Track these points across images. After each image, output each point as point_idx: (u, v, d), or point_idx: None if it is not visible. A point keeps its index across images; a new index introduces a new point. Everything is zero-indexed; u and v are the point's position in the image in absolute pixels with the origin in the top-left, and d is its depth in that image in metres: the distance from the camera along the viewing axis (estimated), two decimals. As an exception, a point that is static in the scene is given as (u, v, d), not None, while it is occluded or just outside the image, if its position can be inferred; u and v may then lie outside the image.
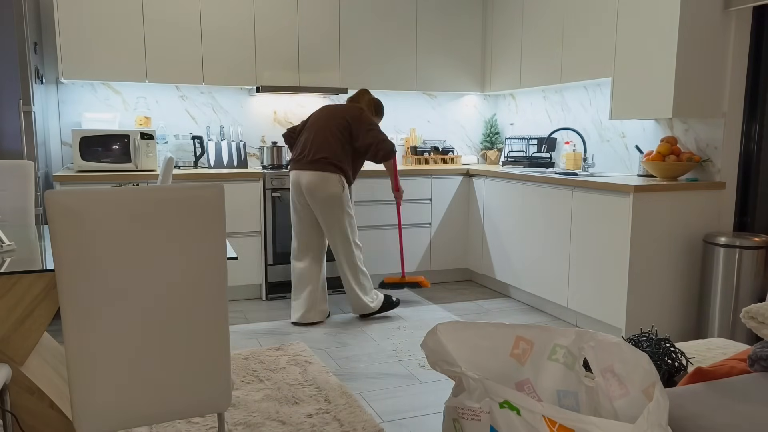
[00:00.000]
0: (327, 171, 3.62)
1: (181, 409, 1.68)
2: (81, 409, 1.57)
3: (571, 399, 1.58)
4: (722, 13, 3.37)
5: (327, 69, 4.63)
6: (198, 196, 1.57)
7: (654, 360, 2.04)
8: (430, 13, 4.87)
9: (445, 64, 4.98)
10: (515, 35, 4.69)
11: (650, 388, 1.43)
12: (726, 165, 3.47)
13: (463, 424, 1.44)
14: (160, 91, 4.53)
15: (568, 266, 3.75)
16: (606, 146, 4.27)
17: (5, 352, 1.96)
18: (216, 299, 1.65)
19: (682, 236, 3.43)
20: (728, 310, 3.22)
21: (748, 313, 1.80)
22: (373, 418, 2.56)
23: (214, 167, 4.50)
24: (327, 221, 3.69)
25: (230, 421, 2.50)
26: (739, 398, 1.55)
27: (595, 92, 4.34)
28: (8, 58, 3.48)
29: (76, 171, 3.94)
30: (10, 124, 3.52)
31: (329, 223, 3.70)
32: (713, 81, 3.41)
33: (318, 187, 3.61)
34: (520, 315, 4.06)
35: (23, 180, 2.91)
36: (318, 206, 3.65)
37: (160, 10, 4.16)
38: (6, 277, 1.88)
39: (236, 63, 4.38)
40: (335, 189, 3.62)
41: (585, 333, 1.57)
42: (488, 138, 5.41)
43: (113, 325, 1.56)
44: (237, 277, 4.27)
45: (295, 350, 3.32)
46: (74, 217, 1.47)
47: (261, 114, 4.81)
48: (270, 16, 4.44)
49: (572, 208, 3.70)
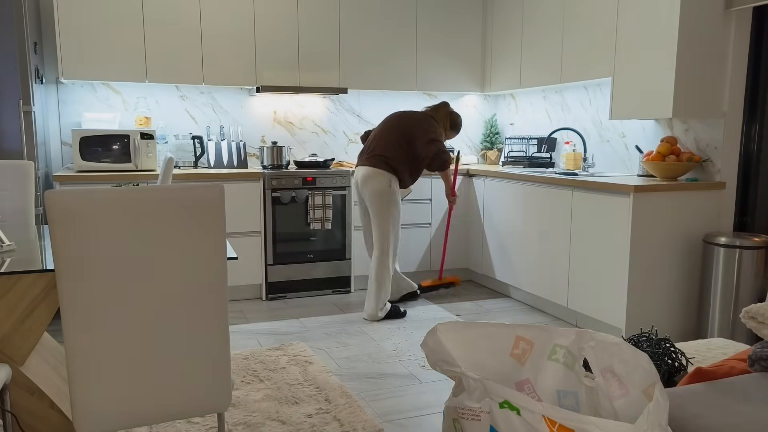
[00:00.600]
0: (379, 168, 3.82)
1: (181, 409, 1.68)
2: (81, 409, 1.57)
3: (571, 399, 1.58)
4: (722, 13, 3.37)
5: (327, 69, 4.63)
6: (198, 196, 1.57)
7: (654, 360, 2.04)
8: (429, 13, 4.88)
9: (444, 64, 4.98)
10: (515, 35, 4.69)
11: (650, 388, 1.43)
12: (726, 165, 3.47)
13: (463, 424, 1.44)
14: (160, 91, 4.53)
15: (568, 266, 3.75)
16: (606, 146, 4.27)
17: (5, 352, 1.96)
18: (216, 299, 1.65)
19: (682, 236, 3.43)
20: (728, 310, 3.22)
21: (748, 313, 1.80)
22: (373, 418, 2.56)
23: (214, 167, 4.50)
24: (372, 215, 3.88)
25: (230, 421, 2.50)
26: (739, 398, 1.55)
27: (595, 92, 4.34)
28: (8, 58, 3.47)
29: (76, 171, 3.94)
30: (10, 124, 3.52)
31: (373, 218, 3.88)
32: (713, 81, 3.41)
33: (367, 180, 3.83)
34: (520, 315, 4.06)
35: (23, 180, 2.91)
36: (366, 199, 3.88)
37: (160, 10, 4.16)
38: (6, 277, 1.88)
39: (236, 63, 4.38)
40: (382, 185, 3.79)
41: (585, 333, 1.57)
42: (488, 138, 5.41)
43: (113, 325, 1.56)
44: (237, 277, 4.27)
45: (295, 350, 3.32)
46: (74, 217, 1.47)
47: (261, 114, 4.81)
48: (270, 16, 4.44)
49: (572, 208, 3.70)
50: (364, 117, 5.10)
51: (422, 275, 4.81)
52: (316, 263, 4.45)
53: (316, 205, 4.34)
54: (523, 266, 4.20)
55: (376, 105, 5.12)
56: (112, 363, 1.58)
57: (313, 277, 4.47)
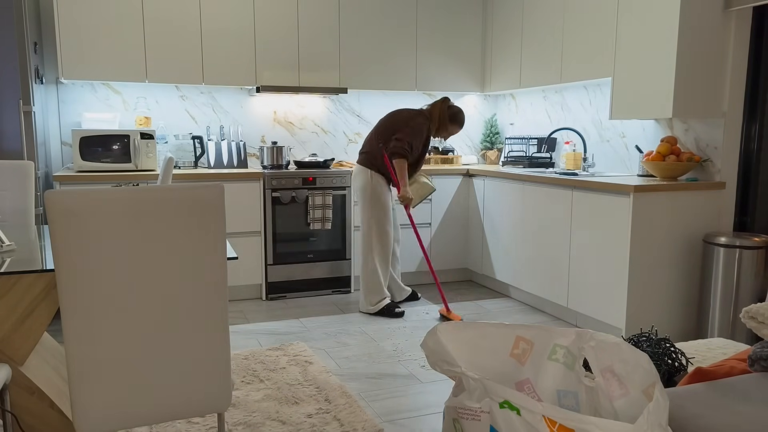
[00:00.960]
0: (361, 164, 3.94)
1: (181, 409, 1.68)
2: (81, 409, 1.57)
3: (571, 399, 1.58)
4: (722, 13, 3.37)
5: (327, 69, 4.63)
6: (198, 196, 1.57)
7: (654, 360, 2.04)
8: (430, 12, 4.87)
9: (445, 64, 4.98)
10: (515, 35, 4.69)
11: (650, 388, 1.43)
12: (726, 165, 3.47)
13: (463, 424, 1.44)
14: (160, 91, 4.53)
15: (568, 266, 3.75)
16: (606, 146, 4.27)
17: (5, 352, 1.96)
18: (216, 299, 1.65)
19: (682, 236, 3.43)
20: (728, 310, 3.22)
21: (748, 313, 1.80)
22: (373, 418, 2.56)
23: (214, 167, 4.50)
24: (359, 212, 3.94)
25: (230, 421, 2.50)
26: (739, 398, 1.55)
27: (595, 92, 4.34)
28: (8, 58, 3.47)
29: (76, 171, 3.94)
30: (10, 124, 3.52)
31: (361, 213, 3.93)
32: (713, 81, 3.40)
33: (353, 178, 4.01)
34: (520, 315, 4.06)
35: (23, 180, 2.91)
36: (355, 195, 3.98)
37: (160, 10, 4.16)
38: (6, 277, 1.88)
39: (236, 63, 4.38)
40: (363, 181, 3.87)
41: (585, 333, 1.57)
42: (488, 138, 5.41)
43: (113, 325, 1.56)
44: (237, 277, 4.27)
45: (295, 350, 3.32)
46: (74, 217, 1.47)
47: (261, 114, 4.81)
48: (270, 16, 4.44)
49: (572, 208, 3.70)
50: (364, 117, 5.10)
51: (422, 275, 4.81)
52: (316, 263, 4.45)
53: (316, 205, 4.34)
54: (523, 266, 4.20)
55: (376, 105, 5.12)
56: (112, 363, 1.58)
57: (313, 277, 4.47)
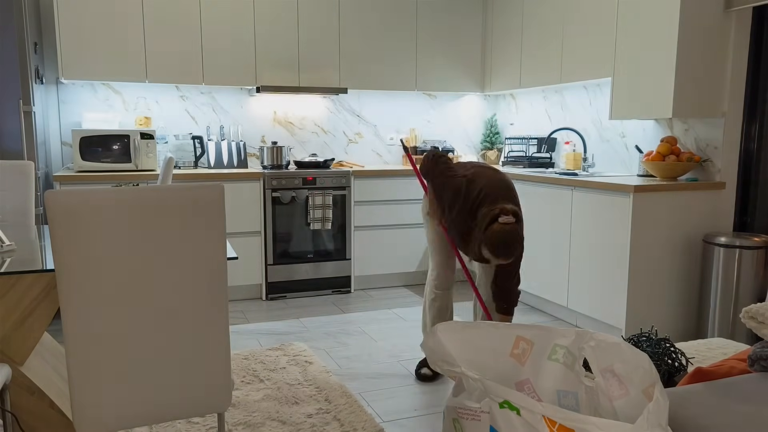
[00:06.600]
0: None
1: (181, 409, 1.68)
2: (81, 409, 1.57)
3: (571, 399, 1.59)
4: (722, 13, 3.37)
5: (327, 69, 4.63)
6: (198, 196, 1.57)
7: (654, 360, 2.04)
8: (430, 13, 4.87)
9: (445, 64, 4.98)
10: (515, 35, 4.69)
11: (650, 388, 1.43)
12: (726, 165, 3.47)
13: (463, 424, 1.44)
14: (160, 91, 4.53)
15: (568, 266, 3.75)
16: (606, 146, 4.27)
17: (5, 352, 1.96)
18: (216, 299, 1.65)
19: (681, 236, 3.43)
20: (728, 310, 3.22)
21: (748, 313, 1.80)
22: (373, 418, 2.56)
23: (214, 167, 4.50)
24: None
25: (230, 421, 2.50)
26: (739, 398, 1.55)
27: (595, 92, 4.34)
28: (8, 58, 3.47)
29: (76, 171, 3.94)
30: (10, 124, 3.52)
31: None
32: (713, 81, 3.40)
33: None
34: (520, 315, 4.06)
35: (23, 180, 2.91)
36: None
37: (160, 10, 4.16)
38: (6, 277, 1.88)
39: (236, 63, 4.38)
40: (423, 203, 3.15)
41: (585, 333, 1.57)
42: (488, 138, 5.41)
43: (113, 324, 1.56)
44: (237, 277, 4.27)
45: (295, 350, 3.32)
46: (74, 217, 1.47)
47: (261, 114, 4.81)
48: (270, 16, 4.44)
49: (572, 208, 3.70)
50: (364, 117, 5.10)
51: (422, 275, 4.81)
52: (316, 263, 4.45)
53: (316, 205, 4.34)
54: (523, 266, 4.19)
55: (376, 105, 5.12)
56: (112, 363, 1.57)
57: (313, 277, 4.47)
